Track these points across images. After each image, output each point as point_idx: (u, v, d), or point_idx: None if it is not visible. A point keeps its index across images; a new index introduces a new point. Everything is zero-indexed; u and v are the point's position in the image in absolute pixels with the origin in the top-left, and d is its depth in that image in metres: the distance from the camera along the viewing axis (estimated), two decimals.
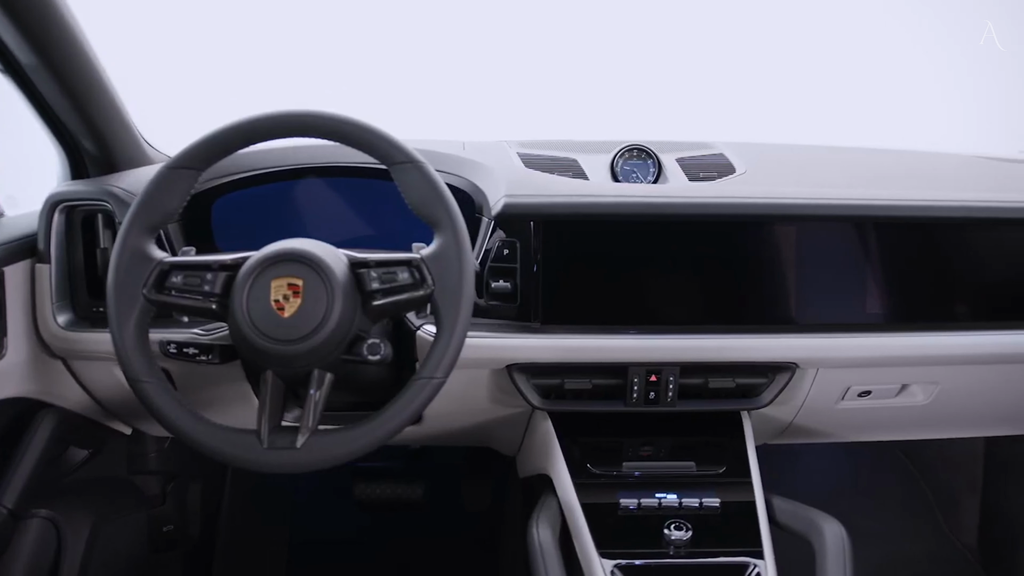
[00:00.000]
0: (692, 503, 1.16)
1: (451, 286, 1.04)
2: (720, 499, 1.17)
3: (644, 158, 1.39)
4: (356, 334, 1.05)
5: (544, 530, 1.09)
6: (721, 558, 1.09)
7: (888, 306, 1.29)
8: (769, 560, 1.09)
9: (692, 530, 1.11)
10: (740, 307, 1.27)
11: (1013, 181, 1.47)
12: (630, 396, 1.26)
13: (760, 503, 1.17)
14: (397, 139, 1.07)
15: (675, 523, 1.11)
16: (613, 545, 1.11)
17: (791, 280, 1.27)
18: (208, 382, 1.32)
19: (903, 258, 1.29)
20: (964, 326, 1.30)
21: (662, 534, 1.11)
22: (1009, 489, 1.79)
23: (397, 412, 1.03)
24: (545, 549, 1.07)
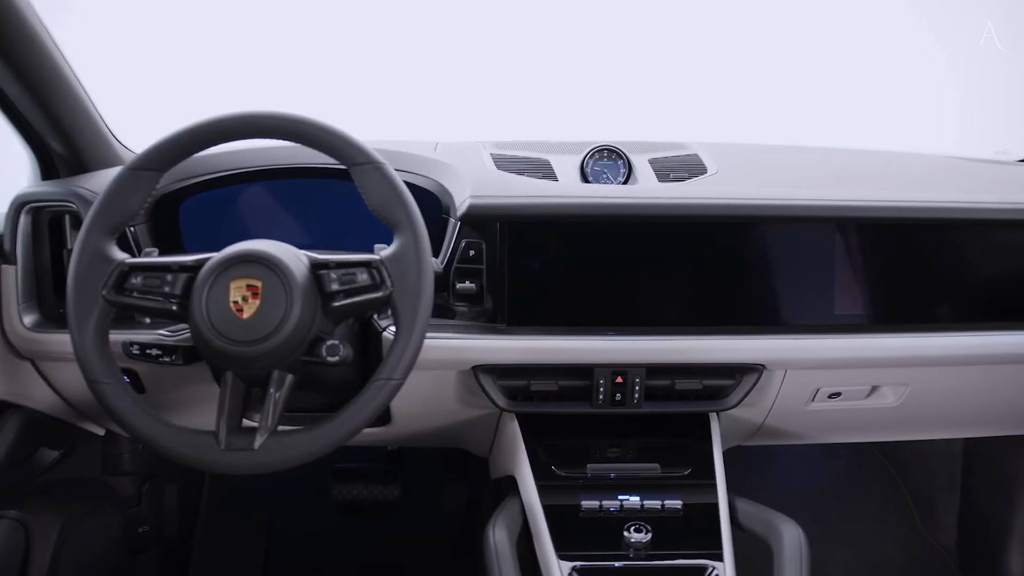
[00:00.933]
0: (654, 505, 1.16)
1: (410, 288, 1.04)
2: (683, 501, 1.17)
3: (614, 159, 1.39)
4: (316, 335, 1.05)
5: (500, 532, 1.09)
6: (680, 560, 1.09)
7: (856, 307, 1.29)
8: (728, 562, 1.09)
9: (652, 532, 1.10)
10: (707, 308, 1.27)
11: (985, 182, 1.47)
12: (596, 398, 1.25)
13: (723, 505, 1.17)
14: (357, 140, 1.07)
15: (635, 525, 1.11)
16: (573, 547, 1.11)
17: (758, 281, 1.27)
18: (177, 383, 1.32)
19: (871, 259, 1.29)
20: (932, 328, 1.29)
21: (623, 536, 1.11)
22: (986, 490, 1.79)
23: (355, 413, 1.03)
24: (500, 551, 1.07)
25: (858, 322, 1.29)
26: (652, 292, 1.26)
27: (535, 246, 1.24)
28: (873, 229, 1.28)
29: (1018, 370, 1.35)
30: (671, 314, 1.26)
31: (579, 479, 1.22)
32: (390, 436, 1.42)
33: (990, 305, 1.31)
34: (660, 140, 1.50)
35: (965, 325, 1.30)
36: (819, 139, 1.65)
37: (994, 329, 1.30)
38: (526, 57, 2.25)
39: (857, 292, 1.29)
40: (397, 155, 1.35)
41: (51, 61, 1.20)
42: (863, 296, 1.29)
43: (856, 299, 1.29)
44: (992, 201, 1.30)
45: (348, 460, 1.82)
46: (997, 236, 1.31)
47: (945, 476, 1.88)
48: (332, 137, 1.07)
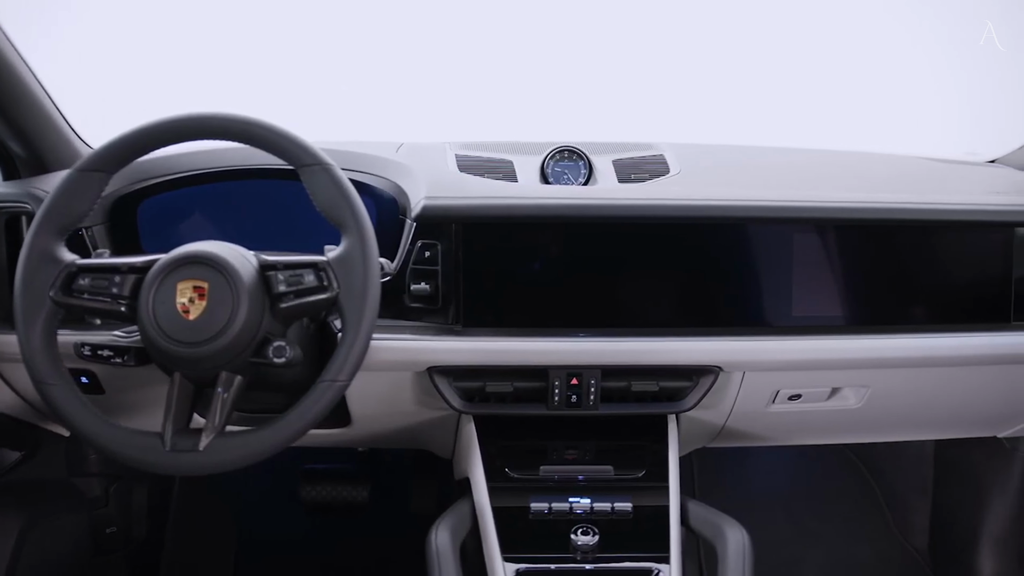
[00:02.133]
0: (604, 507, 1.15)
1: (355, 289, 1.04)
2: (633, 503, 1.16)
3: (575, 159, 1.39)
4: (264, 336, 1.05)
5: (443, 534, 1.09)
6: (626, 563, 1.09)
7: (814, 309, 1.28)
8: (675, 565, 1.09)
9: (600, 534, 1.10)
10: (663, 310, 1.26)
11: (951, 183, 1.46)
12: (551, 399, 1.25)
13: (674, 508, 1.16)
14: (305, 141, 1.07)
15: (582, 528, 1.11)
16: (520, 549, 1.10)
17: (714, 283, 1.27)
18: (136, 384, 1.32)
19: (829, 261, 1.28)
20: (891, 329, 1.29)
21: (570, 538, 1.11)
22: (957, 492, 1.78)
23: (301, 415, 1.04)
24: (441, 553, 1.07)
25: (816, 323, 1.28)
26: (608, 293, 1.26)
27: (490, 247, 1.24)
28: (831, 230, 1.27)
29: (980, 372, 1.34)
30: (627, 315, 1.26)
31: (531, 481, 1.21)
32: (351, 438, 1.42)
33: (951, 307, 1.31)
34: (629, 141, 1.50)
35: (925, 327, 1.30)
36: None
37: (954, 331, 1.29)
38: (515, 57, 2.24)
39: (815, 294, 1.29)
40: (356, 156, 1.35)
41: (6, 64, 1.20)
42: (821, 298, 1.29)
43: (814, 301, 1.29)
44: (954, 202, 1.30)
45: (318, 461, 1.82)
46: (958, 238, 1.30)
47: (917, 478, 1.88)
48: (280, 138, 1.07)
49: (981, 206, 1.29)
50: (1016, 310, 1.30)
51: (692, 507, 1.19)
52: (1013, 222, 1.29)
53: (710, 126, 2.16)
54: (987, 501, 1.71)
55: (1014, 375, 1.35)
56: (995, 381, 1.36)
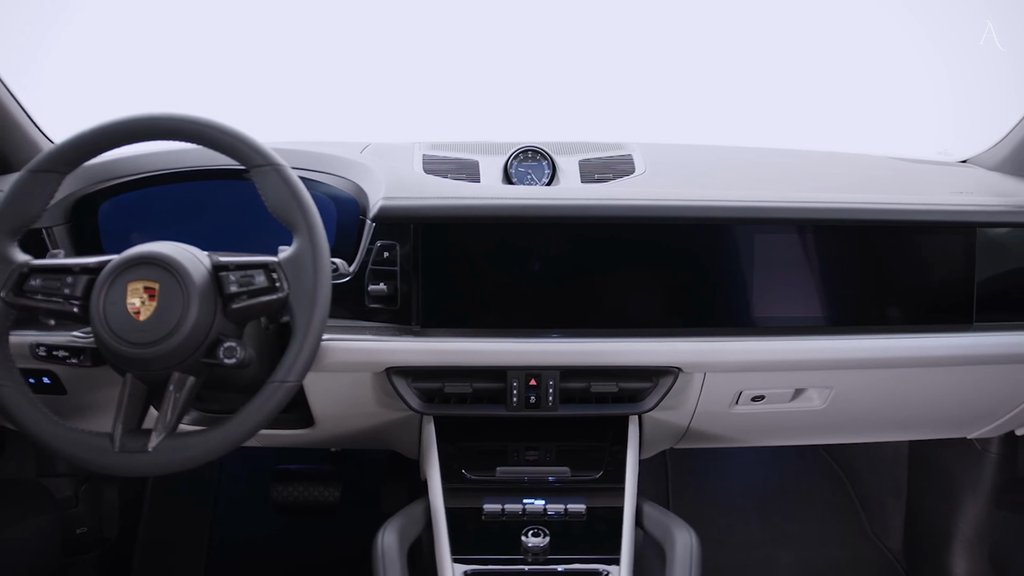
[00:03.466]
0: (557, 509, 1.15)
1: (305, 290, 1.04)
2: (587, 505, 1.16)
3: (539, 159, 1.39)
4: (216, 337, 1.05)
5: (390, 536, 1.09)
6: (575, 564, 1.08)
7: (774, 310, 1.28)
8: (625, 566, 1.08)
9: (551, 536, 1.10)
10: (622, 310, 1.26)
11: (920, 183, 1.45)
12: (510, 400, 1.25)
13: (628, 510, 1.16)
14: (257, 142, 1.07)
15: (533, 529, 1.10)
16: (472, 550, 1.10)
17: (673, 283, 1.26)
18: (97, 385, 1.32)
19: (790, 261, 1.28)
20: (852, 330, 1.28)
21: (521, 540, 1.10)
22: (931, 493, 1.78)
23: (250, 416, 1.04)
24: (387, 554, 1.06)
25: (777, 324, 1.28)
26: (567, 294, 1.25)
27: (448, 248, 1.24)
28: (791, 231, 1.27)
29: (943, 373, 1.34)
30: (586, 316, 1.25)
31: (487, 482, 1.21)
32: (316, 439, 1.42)
33: (912, 308, 1.30)
34: (601, 141, 1.50)
35: (887, 328, 1.29)
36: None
37: (916, 332, 1.29)
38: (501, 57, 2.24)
39: (776, 294, 1.28)
40: (316, 156, 1.35)
41: None
42: (782, 298, 1.28)
43: (775, 302, 1.28)
44: (914, 203, 1.29)
45: (291, 462, 1.82)
46: (920, 239, 1.30)
47: (892, 479, 1.88)
48: (231, 139, 1.07)
49: (941, 207, 1.28)
50: (978, 311, 1.30)
51: (647, 509, 1.18)
52: (974, 223, 1.28)
53: (698, 127, 2.15)
54: (959, 502, 1.70)
55: (977, 376, 1.35)
56: (958, 382, 1.36)
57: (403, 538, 1.11)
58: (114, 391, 1.33)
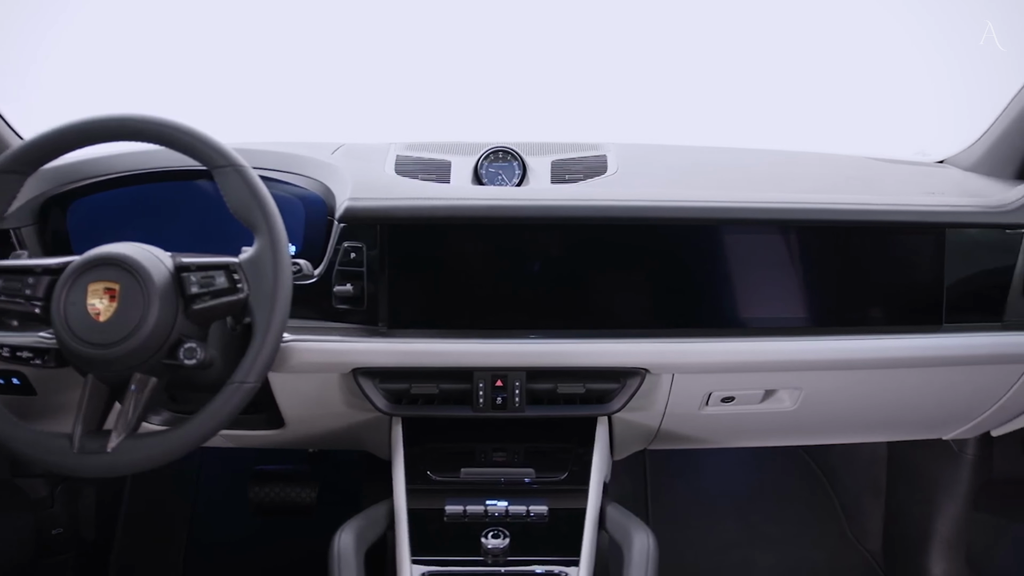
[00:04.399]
0: (519, 510, 1.15)
1: (265, 291, 1.04)
2: (549, 506, 1.16)
3: (509, 160, 1.38)
4: (178, 338, 1.05)
5: (346, 537, 1.09)
6: (534, 566, 1.08)
7: (742, 311, 1.28)
8: (584, 568, 1.08)
9: (512, 537, 1.09)
10: (589, 311, 1.25)
11: (894, 184, 1.45)
12: (476, 401, 1.24)
13: (591, 511, 1.16)
14: (218, 142, 1.07)
15: (493, 531, 1.10)
16: (432, 552, 1.10)
17: (639, 284, 1.26)
18: (67, 386, 1.31)
19: (758, 262, 1.27)
20: (821, 331, 1.28)
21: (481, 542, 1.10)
22: (909, 494, 1.78)
23: (209, 417, 1.04)
24: (342, 556, 1.07)
25: (744, 325, 1.27)
26: (532, 295, 1.25)
27: (414, 249, 1.23)
28: (759, 231, 1.26)
29: (913, 374, 1.33)
30: (553, 317, 1.25)
31: (451, 483, 1.21)
32: (287, 439, 1.42)
33: (882, 309, 1.30)
34: (579, 141, 1.50)
35: (856, 329, 1.28)
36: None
37: (885, 333, 1.28)
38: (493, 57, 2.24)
39: (744, 296, 1.28)
40: (284, 156, 1.35)
41: None
42: (750, 299, 1.28)
43: (743, 303, 1.28)
44: (883, 203, 1.28)
45: (270, 462, 1.82)
46: (890, 239, 1.29)
47: (870, 480, 1.87)
48: (192, 139, 1.07)
49: (910, 207, 1.27)
50: (948, 312, 1.29)
51: (610, 511, 1.18)
52: (943, 223, 1.28)
53: (685, 128, 2.14)
54: (937, 503, 1.70)
55: (948, 377, 1.34)
56: (929, 383, 1.35)
57: (361, 539, 1.11)
58: (77, 392, 1.33)
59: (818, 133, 2.12)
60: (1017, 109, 1.36)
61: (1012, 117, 1.37)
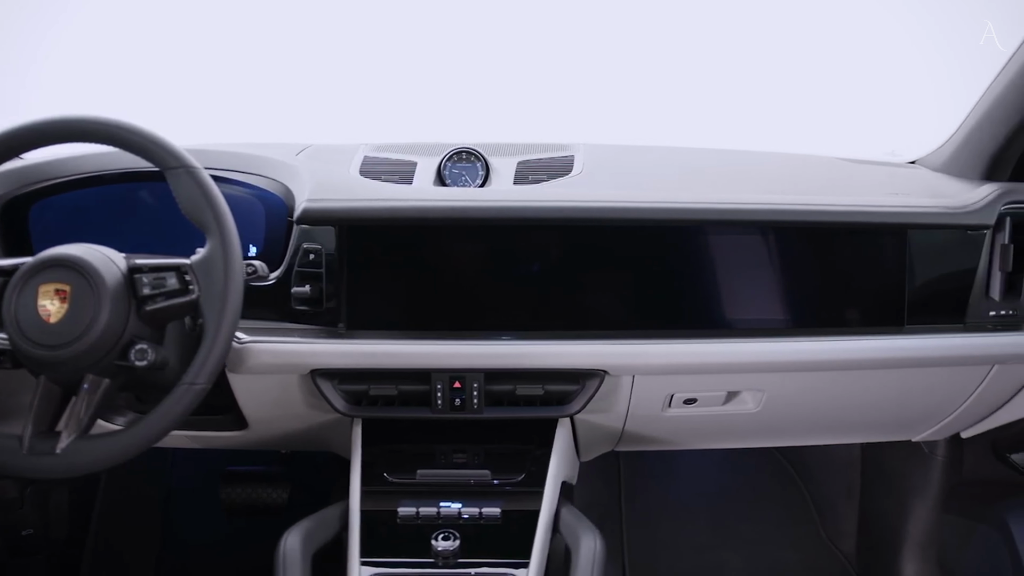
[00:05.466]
0: (472, 512, 1.15)
1: (215, 292, 1.04)
2: (503, 508, 1.15)
3: (473, 161, 1.38)
4: (130, 339, 1.05)
5: (293, 538, 1.09)
6: (484, 568, 1.08)
7: (703, 313, 1.27)
8: (534, 571, 1.08)
9: (462, 539, 1.09)
10: (546, 312, 1.25)
11: (857, 184, 1.44)
12: (435, 402, 1.24)
13: (544, 513, 1.15)
14: (170, 143, 1.07)
15: (443, 533, 1.10)
16: (383, 553, 1.10)
17: (598, 285, 1.26)
18: (25, 387, 1.32)
19: (719, 263, 1.27)
20: (782, 333, 1.27)
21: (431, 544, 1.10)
22: (882, 496, 1.77)
23: (159, 418, 1.04)
24: (288, 557, 1.07)
25: (704, 327, 1.27)
26: (491, 296, 1.25)
27: (372, 250, 1.23)
28: (719, 232, 1.26)
29: (876, 376, 1.33)
30: (512, 318, 1.25)
31: (407, 485, 1.21)
32: (251, 440, 1.42)
33: (844, 310, 1.29)
34: (547, 142, 1.50)
35: (818, 331, 1.28)
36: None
37: (847, 335, 1.28)
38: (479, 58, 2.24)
39: (705, 297, 1.27)
40: (244, 157, 1.35)
41: None
42: (709, 301, 1.27)
43: (702, 305, 1.27)
44: (844, 204, 1.28)
45: (242, 463, 1.82)
46: (852, 240, 1.28)
47: (844, 482, 1.86)
48: (144, 140, 1.07)
49: (871, 208, 1.27)
50: (910, 313, 1.29)
51: (564, 513, 1.17)
52: (904, 224, 1.27)
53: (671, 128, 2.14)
54: (909, 505, 1.69)
55: (911, 379, 1.34)
56: (893, 385, 1.35)
57: (309, 541, 1.11)
58: None
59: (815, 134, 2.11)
60: (982, 110, 1.35)
61: (977, 118, 1.36)
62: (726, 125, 2.19)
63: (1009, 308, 1.31)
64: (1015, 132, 1.29)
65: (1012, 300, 1.31)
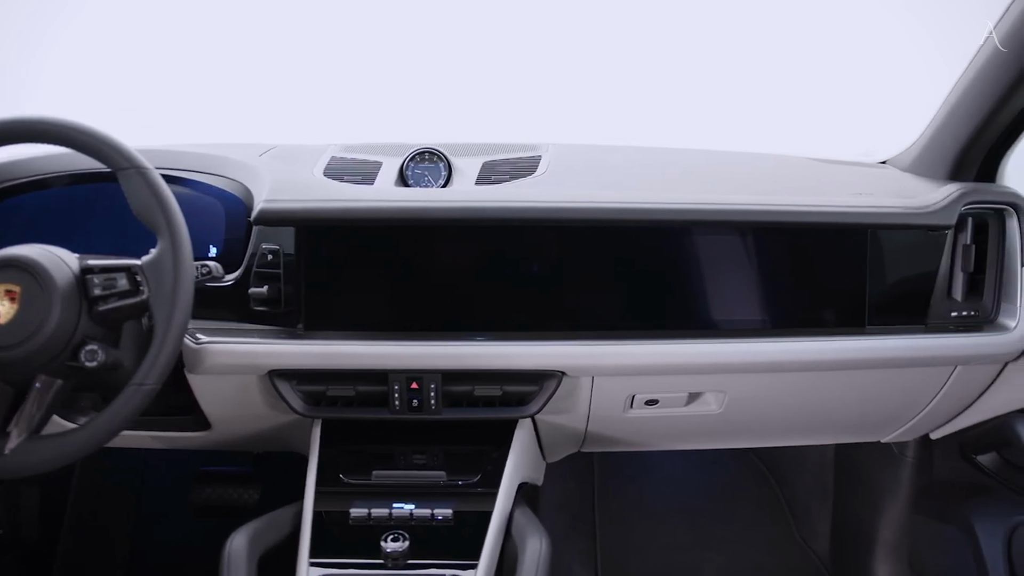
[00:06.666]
0: (424, 513, 1.14)
1: (165, 293, 1.04)
2: (454, 509, 1.15)
3: (435, 161, 1.38)
4: (82, 339, 1.05)
5: (239, 539, 1.09)
6: (432, 570, 1.08)
7: (662, 313, 1.27)
8: (482, 571, 1.07)
9: (412, 541, 1.09)
10: (505, 313, 1.25)
11: (825, 184, 1.43)
12: (392, 403, 1.24)
13: (498, 515, 1.15)
14: (121, 144, 1.07)
15: (392, 534, 1.10)
16: (333, 554, 1.10)
17: (556, 286, 1.25)
18: None
19: (678, 264, 1.26)
20: (742, 334, 1.27)
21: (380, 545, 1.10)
22: (855, 497, 1.76)
23: (108, 419, 1.04)
24: (233, 557, 1.07)
25: (664, 328, 1.26)
26: (448, 297, 1.25)
27: (329, 250, 1.23)
28: (678, 233, 1.25)
29: (837, 377, 1.32)
30: (469, 319, 1.25)
31: (361, 486, 1.20)
32: (214, 441, 1.41)
33: (806, 311, 1.29)
34: (516, 142, 1.49)
35: (779, 332, 1.27)
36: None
37: (808, 336, 1.27)
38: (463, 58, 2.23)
39: (663, 298, 1.27)
40: (209, 158, 1.35)
41: None
42: (669, 302, 1.27)
43: (661, 305, 1.27)
44: (810, 204, 1.27)
45: (215, 464, 1.82)
46: (814, 240, 1.28)
47: (818, 483, 1.86)
48: (95, 141, 1.07)
49: (832, 208, 1.26)
50: (871, 314, 1.28)
51: (516, 515, 1.17)
52: (865, 224, 1.27)
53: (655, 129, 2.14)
54: (881, 506, 1.69)
55: (874, 380, 1.33)
56: (856, 386, 1.34)
57: (256, 542, 1.11)
58: None
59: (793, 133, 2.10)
60: (947, 109, 1.34)
61: (942, 117, 1.36)
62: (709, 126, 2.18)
63: (971, 309, 1.30)
64: (978, 131, 1.29)
65: (974, 301, 1.30)
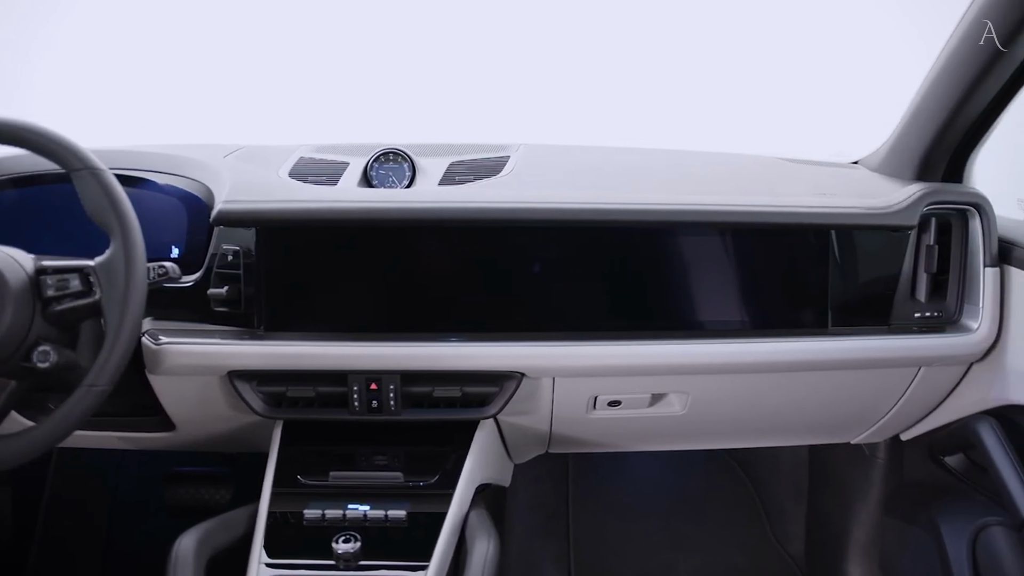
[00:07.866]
0: (378, 515, 1.14)
1: (117, 295, 1.04)
2: (410, 511, 1.15)
3: (399, 161, 1.38)
4: (36, 340, 1.05)
5: (188, 540, 1.09)
6: (382, 571, 1.08)
7: (622, 314, 1.26)
8: (433, 572, 1.07)
9: (365, 542, 1.09)
10: (464, 314, 1.25)
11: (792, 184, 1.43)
12: (352, 404, 1.24)
13: (452, 516, 1.15)
14: (75, 145, 1.07)
15: (344, 536, 1.09)
16: (286, 555, 1.10)
17: (516, 286, 1.25)
18: None
19: (638, 264, 1.26)
20: (704, 334, 1.26)
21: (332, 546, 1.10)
22: (829, 498, 1.76)
23: (59, 420, 1.04)
24: (179, 558, 1.07)
25: (625, 328, 1.26)
26: (407, 297, 1.25)
27: (288, 251, 1.23)
28: (640, 233, 1.25)
29: (801, 378, 1.32)
30: (429, 320, 1.24)
31: (317, 487, 1.20)
32: (179, 442, 1.41)
33: (769, 312, 1.28)
34: (487, 143, 1.49)
35: (742, 332, 1.27)
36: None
37: (770, 337, 1.27)
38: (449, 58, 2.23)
39: (624, 298, 1.27)
40: (172, 159, 1.35)
41: None
42: (630, 303, 1.27)
43: (622, 306, 1.27)
44: (773, 204, 1.26)
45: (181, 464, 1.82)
46: (777, 241, 1.28)
47: (793, 484, 1.85)
48: (49, 142, 1.07)
49: (794, 208, 1.25)
50: (834, 315, 1.28)
51: (471, 516, 1.17)
52: (828, 224, 1.26)
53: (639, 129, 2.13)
54: (853, 508, 1.68)
55: (838, 381, 1.33)
56: (821, 387, 1.34)
57: (205, 543, 1.11)
58: None
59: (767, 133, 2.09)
60: (912, 109, 1.34)
61: (908, 117, 1.35)
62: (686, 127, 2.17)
63: (935, 310, 1.30)
64: (941, 131, 1.28)
65: (937, 302, 1.30)
